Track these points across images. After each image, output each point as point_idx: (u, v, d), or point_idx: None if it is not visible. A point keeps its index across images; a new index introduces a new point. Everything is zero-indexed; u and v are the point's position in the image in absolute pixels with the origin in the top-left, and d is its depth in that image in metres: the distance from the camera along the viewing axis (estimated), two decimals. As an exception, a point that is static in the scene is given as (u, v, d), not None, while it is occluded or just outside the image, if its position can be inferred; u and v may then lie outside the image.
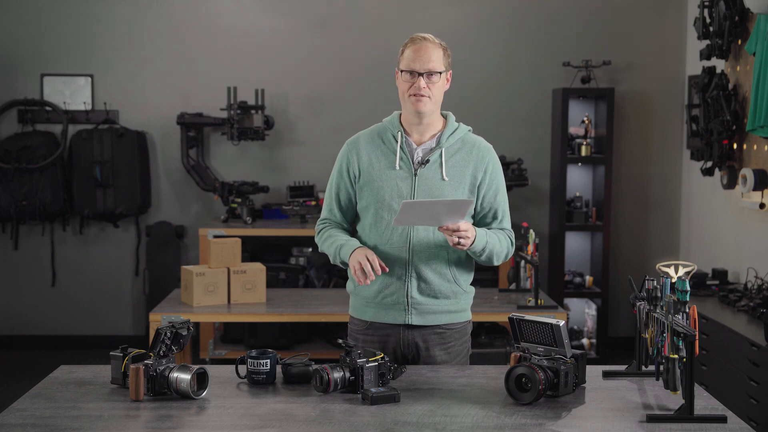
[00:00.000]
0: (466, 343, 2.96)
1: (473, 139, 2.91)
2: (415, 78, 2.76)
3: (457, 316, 2.91)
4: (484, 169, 2.86)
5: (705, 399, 2.49)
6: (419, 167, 2.82)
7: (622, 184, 6.39)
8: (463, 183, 2.83)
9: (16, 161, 6.01)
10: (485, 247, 2.78)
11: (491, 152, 2.91)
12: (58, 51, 6.24)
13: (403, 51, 2.82)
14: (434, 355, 2.87)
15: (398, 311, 2.85)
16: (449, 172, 2.82)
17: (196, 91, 6.29)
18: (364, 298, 2.90)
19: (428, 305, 2.85)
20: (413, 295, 2.83)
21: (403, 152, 2.84)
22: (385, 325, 2.87)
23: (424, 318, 2.85)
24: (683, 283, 2.38)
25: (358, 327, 2.94)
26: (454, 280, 2.86)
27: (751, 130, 4.84)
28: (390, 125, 2.89)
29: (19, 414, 2.33)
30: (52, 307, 6.37)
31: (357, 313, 2.95)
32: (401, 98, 2.84)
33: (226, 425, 2.28)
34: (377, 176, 2.83)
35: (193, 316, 4.10)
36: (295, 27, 6.31)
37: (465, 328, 2.95)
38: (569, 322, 5.83)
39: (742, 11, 5.10)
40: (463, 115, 5.90)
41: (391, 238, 2.81)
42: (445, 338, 2.89)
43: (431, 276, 2.83)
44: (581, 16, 6.33)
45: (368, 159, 2.86)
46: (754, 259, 5.12)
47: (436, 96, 2.80)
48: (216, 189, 6.07)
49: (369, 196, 2.85)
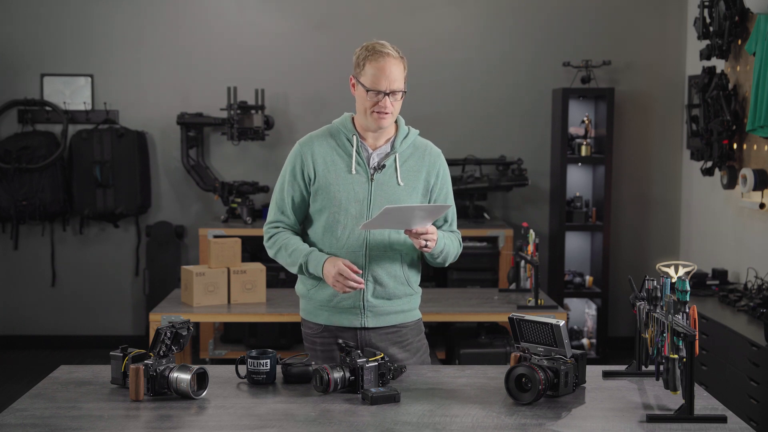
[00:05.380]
0: (422, 340, 2.99)
1: (424, 143, 2.93)
2: (379, 97, 2.74)
3: (410, 315, 2.95)
4: (435, 173, 2.90)
5: (705, 399, 2.49)
6: (375, 172, 2.83)
7: (622, 184, 6.39)
8: (417, 188, 2.86)
9: (16, 161, 6.01)
10: (443, 249, 2.84)
11: (441, 157, 2.95)
12: (58, 51, 6.24)
13: (364, 65, 2.75)
14: (393, 354, 2.87)
15: (354, 315, 2.86)
16: (404, 177, 2.84)
17: (196, 91, 6.29)
18: (318, 301, 2.89)
19: (382, 307, 2.87)
20: (369, 298, 2.84)
21: (359, 156, 2.83)
22: (341, 328, 2.88)
23: (378, 319, 2.87)
24: (683, 283, 2.38)
25: (313, 330, 2.92)
26: (407, 281, 2.90)
27: (751, 130, 4.84)
28: (343, 128, 2.87)
29: (19, 414, 2.33)
30: (52, 307, 6.37)
31: (310, 317, 2.93)
32: (361, 111, 2.80)
33: (226, 425, 2.28)
34: (333, 180, 2.82)
35: (193, 316, 4.10)
36: (295, 27, 6.31)
37: (418, 326, 2.99)
38: (569, 322, 5.83)
39: (742, 11, 5.10)
40: (463, 115, 5.90)
41: (347, 242, 2.81)
42: (401, 336, 2.91)
43: (386, 279, 2.85)
44: (581, 16, 6.33)
45: (323, 161, 2.83)
46: (754, 259, 5.12)
47: (396, 110, 2.81)
48: (216, 189, 6.07)
49: (324, 199, 2.83)
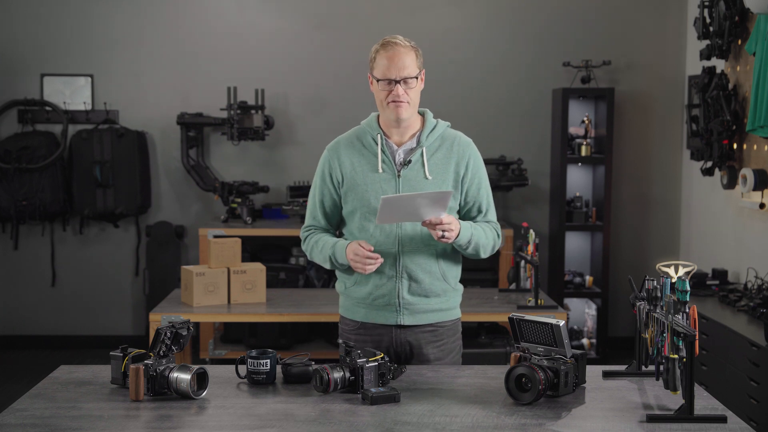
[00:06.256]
0: (458, 341, 2.98)
1: (453, 134, 2.92)
2: (392, 86, 2.77)
3: (448, 314, 2.93)
4: (465, 163, 2.87)
5: (705, 399, 2.48)
6: (402, 168, 2.83)
7: (622, 184, 6.39)
8: (446, 180, 2.85)
9: (16, 161, 6.01)
10: (470, 239, 2.81)
11: (471, 146, 2.92)
12: (58, 51, 6.24)
13: (375, 58, 2.80)
14: (427, 353, 2.88)
15: (390, 312, 2.86)
16: (432, 171, 2.84)
17: (196, 91, 6.29)
18: (355, 298, 2.91)
19: (419, 305, 2.86)
20: (404, 295, 2.84)
21: (384, 155, 2.84)
22: (377, 325, 2.88)
23: (415, 317, 2.87)
24: (683, 283, 2.38)
25: (350, 327, 2.94)
26: (443, 277, 2.87)
27: (751, 130, 4.84)
28: (369, 128, 2.89)
29: (19, 414, 2.33)
30: (52, 307, 6.37)
31: (348, 314, 2.95)
32: (379, 105, 2.84)
33: (226, 425, 2.28)
34: (361, 180, 2.84)
35: (193, 316, 4.10)
36: (295, 27, 6.31)
37: (456, 326, 2.97)
38: (569, 322, 5.83)
39: (742, 11, 5.10)
40: (463, 115, 5.89)
41: (380, 240, 2.82)
42: (437, 336, 2.90)
43: (421, 275, 2.84)
44: (581, 16, 6.33)
45: (350, 164, 2.86)
46: (754, 259, 5.12)
47: (414, 99, 2.81)
48: (216, 189, 6.07)
49: (354, 201, 2.85)
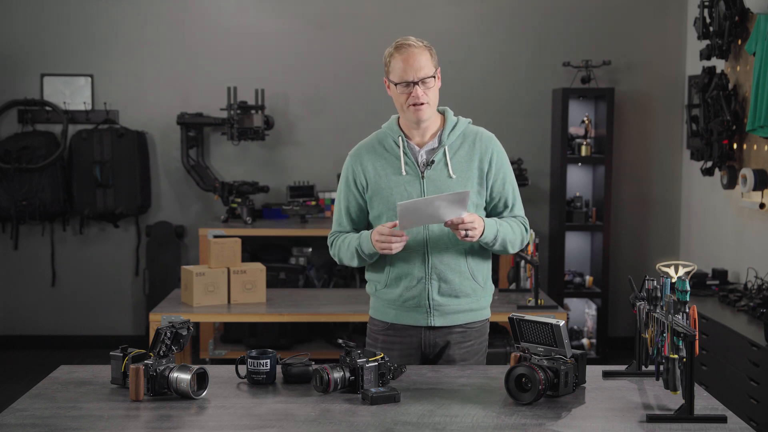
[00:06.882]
0: (484, 342, 2.96)
1: (474, 131, 2.90)
2: (410, 88, 2.75)
3: (478, 314, 2.91)
4: (489, 159, 2.85)
5: (705, 399, 2.48)
6: (425, 169, 2.82)
7: (622, 184, 6.39)
8: (471, 177, 2.82)
9: (16, 161, 6.01)
10: (496, 236, 2.78)
11: (494, 141, 2.89)
12: (58, 51, 6.24)
13: (390, 62, 2.78)
14: (453, 354, 2.87)
15: (420, 314, 2.85)
16: (455, 169, 2.81)
17: (196, 91, 6.29)
18: (386, 300, 2.89)
19: (449, 305, 2.85)
20: (434, 297, 2.83)
21: (407, 157, 2.83)
22: (407, 326, 2.87)
23: (445, 318, 2.86)
24: (683, 283, 2.38)
25: (379, 327, 2.93)
26: (472, 275, 2.85)
27: (751, 130, 4.84)
28: (390, 131, 2.88)
29: (19, 414, 2.33)
30: (52, 307, 6.37)
31: (378, 315, 2.94)
32: (399, 108, 2.82)
33: (226, 425, 2.27)
34: (385, 184, 2.82)
35: (193, 316, 4.10)
36: (295, 27, 6.31)
37: (484, 327, 2.96)
38: (569, 322, 5.83)
39: (742, 11, 5.10)
40: (463, 115, 5.89)
41: (408, 243, 2.78)
42: (465, 337, 2.89)
43: (451, 275, 2.82)
44: (581, 16, 6.33)
45: (373, 168, 2.85)
46: (754, 259, 5.12)
47: (433, 99, 2.80)
48: (216, 189, 6.07)
49: (380, 205, 2.84)
